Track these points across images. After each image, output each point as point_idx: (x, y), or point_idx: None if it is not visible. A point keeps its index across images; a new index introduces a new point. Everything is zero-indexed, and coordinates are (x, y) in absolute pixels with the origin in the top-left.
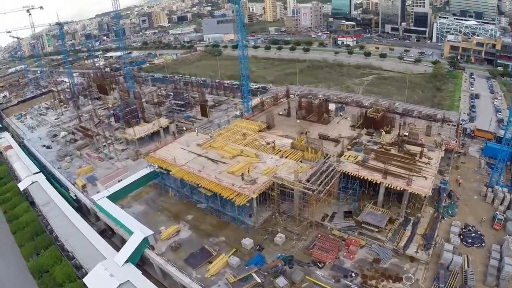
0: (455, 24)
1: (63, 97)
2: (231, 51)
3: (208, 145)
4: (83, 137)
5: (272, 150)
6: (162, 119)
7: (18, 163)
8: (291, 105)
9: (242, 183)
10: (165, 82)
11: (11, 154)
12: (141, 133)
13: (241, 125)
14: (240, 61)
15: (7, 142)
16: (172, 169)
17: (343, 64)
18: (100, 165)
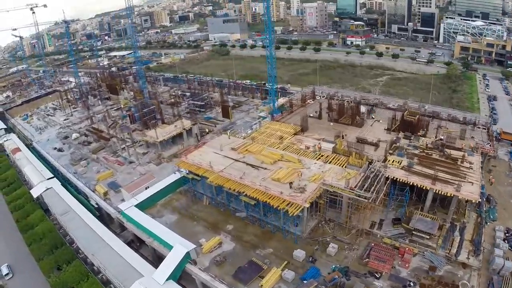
0: (462, 25)
1: (70, 97)
2: (239, 50)
3: (244, 149)
4: (97, 139)
5: (314, 155)
6: (184, 120)
7: (28, 167)
8: (317, 107)
9: (291, 191)
10: (178, 82)
11: (19, 157)
12: (163, 135)
13: (274, 127)
14: (267, 62)
15: (14, 144)
16: (209, 175)
17: (355, 64)
18: (121, 170)
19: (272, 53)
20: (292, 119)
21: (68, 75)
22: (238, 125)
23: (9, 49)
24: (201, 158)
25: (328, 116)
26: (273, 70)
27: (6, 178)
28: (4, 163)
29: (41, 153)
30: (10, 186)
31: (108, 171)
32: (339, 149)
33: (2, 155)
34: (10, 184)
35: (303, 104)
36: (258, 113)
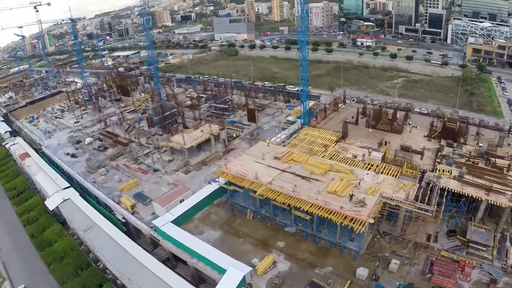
0: (470, 26)
1: (78, 98)
2: (248, 51)
3: (288, 158)
4: (113, 145)
5: (363, 165)
6: (209, 125)
7: (41, 175)
8: (349, 112)
9: (351, 205)
10: (192, 83)
11: (29, 163)
12: (191, 141)
13: (313, 134)
14: (300, 64)
15: (22, 149)
16: (257, 188)
17: (369, 66)
18: (145, 179)
19: (305, 56)
20: (328, 125)
21: (72, 76)
22: (265, 129)
23: (9, 49)
24: (242, 168)
25: (366, 122)
26: (305, 73)
27: (15, 186)
28: (11, 169)
29: (53, 159)
30: (21, 195)
31: (132, 181)
32: (389, 158)
33: (9, 160)
34: (20, 193)
35: (335, 109)
36: (286, 117)
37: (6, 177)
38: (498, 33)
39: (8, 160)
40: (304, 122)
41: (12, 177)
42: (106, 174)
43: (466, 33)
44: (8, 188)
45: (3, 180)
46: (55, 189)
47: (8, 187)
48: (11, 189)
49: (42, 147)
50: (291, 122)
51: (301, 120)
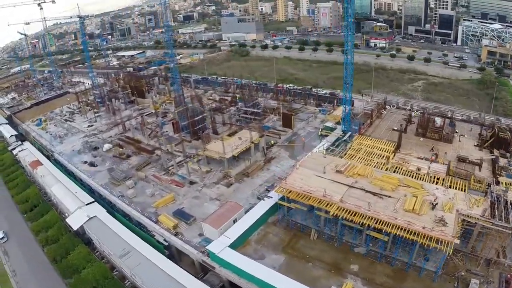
0: (481, 28)
1: (88, 99)
2: (260, 51)
3: (352, 171)
4: (135, 152)
5: (429, 178)
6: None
7: (58, 187)
8: (393, 119)
9: (433, 224)
10: (211, 84)
11: (42, 173)
12: (232, 150)
13: (367, 143)
14: (344, 67)
15: (31, 155)
16: (330, 207)
17: (386, 68)
18: (182, 193)
19: (351, 59)
20: (376, 133)
21: (77, 76)
22: (302, 136)
23: (8, 50)
24: (304, 182)
25: (416, 130)
26: (351, 77)
27: (27, 198)
28: (21, 178)
29: (68, 168)
30: (35, 209)
31: (168, 196)
32: (454, 171)
33: (17, 168)
34: (34, 206)
35: (378, 115)
36: (320, 122)
37: (16, 187)
38: (508, 35)
39: (17, 168)
40: (346, 129)
41: (22, 187)
42: (134, 187)
43: (477, 34)
44: (19, 201)
45: (13, 191)
46: (76, 204)
47: (19, 199)
48: (23, 201)
49: (54, 153)
50: (330, 128)
51: (342, 127)
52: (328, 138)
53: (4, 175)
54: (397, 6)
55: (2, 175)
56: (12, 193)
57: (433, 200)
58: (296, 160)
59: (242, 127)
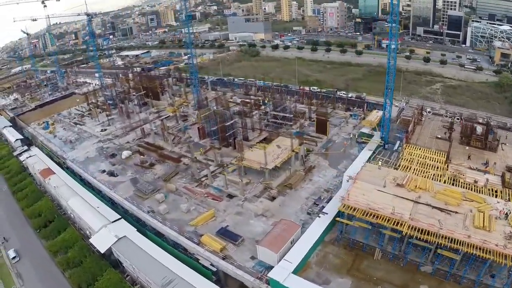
0: (490, 29)
1: (98, 101)
2: (271, 51)
3: (413, 185)
4: (159, 160)
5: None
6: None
7: (76, 201)
8: (433, 126)
9: (504, 241)
10: (229, 86)
11: (56, 183)
12: (273, 159)
13: (417, 153)
14: (387, 72)
15: (41, 163)
16: (401, 226)
17: (402, 69)
18: (222, 209)
19: (394, 64)
20: (420, 141)
21: (82, 76)
22: (338, 142)
23: (8, 49)
24: (366, 198)
25: (461, 139)
26: (392, 83)
27: (39, 211)
28: (30, 188)
29: (84, 177)
30: (49, 226)
31: (208, 212)
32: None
33: (25, 176)
34: (48, 222)
35: (419, 122)
36: (353, 128)
37: (26, 199)
38: None
39: (25, 176)
40: (385, 137)
41: (33, 198)
42: (165, 200)
43: (486, 36)
44: (31, 214)
45: (23, 203)
46: (101, 222)
47: (30, 212)
48: (35, 215)
49: (67, 160)
50: (367, 135)
51: (381, 134)
52: (369, 146)
53: (11, 184)
54: (402, 6)
55: (9, 184)
56: (21, 205)
57: (503, 210)
58: (337, 169)
59: (276, 133)
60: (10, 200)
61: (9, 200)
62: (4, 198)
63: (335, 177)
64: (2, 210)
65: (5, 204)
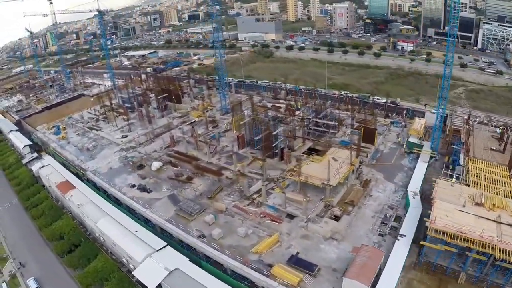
0: (502, 31)
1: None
2: (285, 52)
3: (491, 203)
4: (196, 173)
5: None
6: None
7: (107, 223)
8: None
9: None
10: (254, 89)
11: (79, 200)
12: (335, 174)
13: (480, 167)
14: (444, 78)
15: (57, 174)
16: (493, 251)
17: (421, 73)
18: (285, 231)
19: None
20: (476, 153)
21: (89, 76)
22: (386, 153)
23: (7, 50)
24: (451, 219)
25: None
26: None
27: (61, 233)
28: (46, 204)
29: (112, 193)
30: (76, 251)
31: (272, 237)
32: None
33: (39, 189)
34: (74, 246)
35: (471, 133)
36: (401, 137)
37: (43, 217)
38: None
39: (38, 189)
40: (436, 147)
41: (51, 217)
42: (215, 222)
43: (498, 38)
44: (51, 236)
45: (40, 222)
46: (143, 250)
47: (50, 233)
48: (55, 237)
49: (87, 172)
50: (415, 145)
51: (431, 144)
52: (422, 158)
53: (23, 198)
54: (408, 7)
55: (20, 197)
56: (38, 224)
57: None
58: (393, 183)
59: (321, 142)
60: (23, 216)
61: (22, 216)
62: (16, 215)
63: (394, 192)
64: (15, 228)
65: (18, 222)
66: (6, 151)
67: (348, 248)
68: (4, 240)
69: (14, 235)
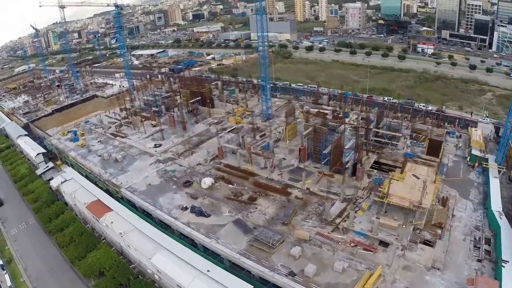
0: None
1: (132, 106)
2: (305, 53)
3: None
4: (259, 192)
5: None
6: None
7: (165, 258)
8: None
9: None
10: (291, 93)
11: (120, 226)
12: (424, 195)
13: None
14: None
15: (83, 191)
16: None
17: (447, 77)
18: (382, 262)
19: None
20: None
21: (100, 76)
22: (450, 166)
23: (7, 49)
24: None
25: None
26: None
27: (100, 268)
28: (75, 228)
29: (161, 218)
30: None
31: (375, 271)
32: None
33: (61, 207)
34: (119, 285)
35: None
36: (464, 150)
37: (73, 246)
38: None
39: (61, 207)
40: (501, 160)
41: (85, 246)
42: (301, 255)
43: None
44: (88, 271)
45: (70, 252)
46: None
47: (87, 269)
48: (95, 273)
49: (123, 190)
50: (479, 157)
51: (496, 158)
52: (493, 173)
53: (44, 219)
54: (416, 8)
55: (39, 218)
56: (68, 255)
57: None
58: (470, 200)
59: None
60: (44, 241)
61: (43, 241)
62: (37, 239)
63: (474, 211)
64: (38, 258)
65: (41, 249)
66: (16, 159)
67: (452, 278)
68: (25, 272)
69: (38, 268)
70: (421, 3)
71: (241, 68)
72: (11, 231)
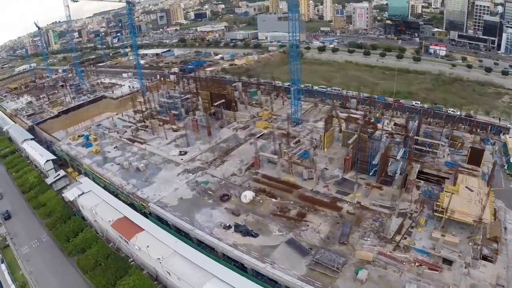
0: None
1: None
2: (317, 54)
3: None
4: (307, 207)
5: None
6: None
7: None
8: None
9: None
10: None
11: (156, 251)
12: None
13: None
14: None
15: (106, 206)
16: None
17: (463, 79)
18: (450, 281)
19: None
20: None
21: (106, 76)
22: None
23: (6, 48)
24: None
25: None
26: None
27: None
28: (98, 250)
29: (203, 240)
30: None
31: None
32: None
33: (78, 223)
34: None
35: None
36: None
37: (100, 270)
38: None
39: (79, 224)
40: None
41: (114, 270)
42: (368, 279)
43: None
44: None
45: (98, 280)
46: None
47: None
48: None
49: (151, 204)
50: None
51: None
52: None
53: (61, 238)
54: (421, 8)
55: (55, 235)
56: (96, 283)
57: None
58: None
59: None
60: (63, 263)
61: (62, 265)
62: (53, 260)
63: None
64: (59, 286)
65: (61, 275)
66: (22, 166)
67: None
68: None
69: None
70: (424, 3)
71: (254, 68)
72: (22, 249)
